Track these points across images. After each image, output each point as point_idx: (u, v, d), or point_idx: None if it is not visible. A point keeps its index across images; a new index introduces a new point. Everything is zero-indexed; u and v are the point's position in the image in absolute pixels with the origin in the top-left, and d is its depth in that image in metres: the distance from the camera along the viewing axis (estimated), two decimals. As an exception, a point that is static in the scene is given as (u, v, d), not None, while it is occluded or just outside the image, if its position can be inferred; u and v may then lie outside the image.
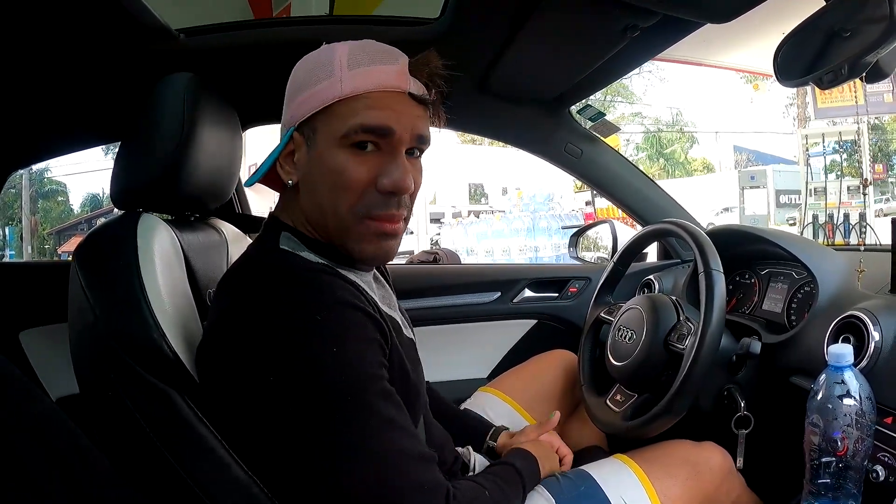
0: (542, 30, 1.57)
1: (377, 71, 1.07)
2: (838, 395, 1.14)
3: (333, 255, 1.15)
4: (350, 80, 1.06)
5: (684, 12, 1.43)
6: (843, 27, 1.27)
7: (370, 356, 1.03)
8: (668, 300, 1.60)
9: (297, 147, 1.11)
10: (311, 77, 1.09)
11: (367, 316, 1.05)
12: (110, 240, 1.20)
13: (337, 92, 1.06)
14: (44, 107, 1.80)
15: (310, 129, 1.09)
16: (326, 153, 1.08)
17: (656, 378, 1.53)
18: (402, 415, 1.04)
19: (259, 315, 1.02)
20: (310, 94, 1.08)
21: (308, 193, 1.13)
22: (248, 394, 1.02)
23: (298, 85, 1.11)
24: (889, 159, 16.32)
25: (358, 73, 1.06)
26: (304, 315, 1.00)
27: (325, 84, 1.07)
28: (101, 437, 1.10)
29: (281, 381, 0.98)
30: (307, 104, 1.08)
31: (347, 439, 0.97)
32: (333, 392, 0.97)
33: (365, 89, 1.06)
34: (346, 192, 1.08)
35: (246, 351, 1.01)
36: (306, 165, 1.11)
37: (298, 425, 0.99)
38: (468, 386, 1.96)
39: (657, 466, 1.39)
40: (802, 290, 1.70)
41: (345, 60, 1.07)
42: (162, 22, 1.54)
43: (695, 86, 38.15)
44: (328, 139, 1.07)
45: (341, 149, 1.07)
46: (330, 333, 0.99)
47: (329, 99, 1.06)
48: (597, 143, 2.29)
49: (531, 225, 11.11)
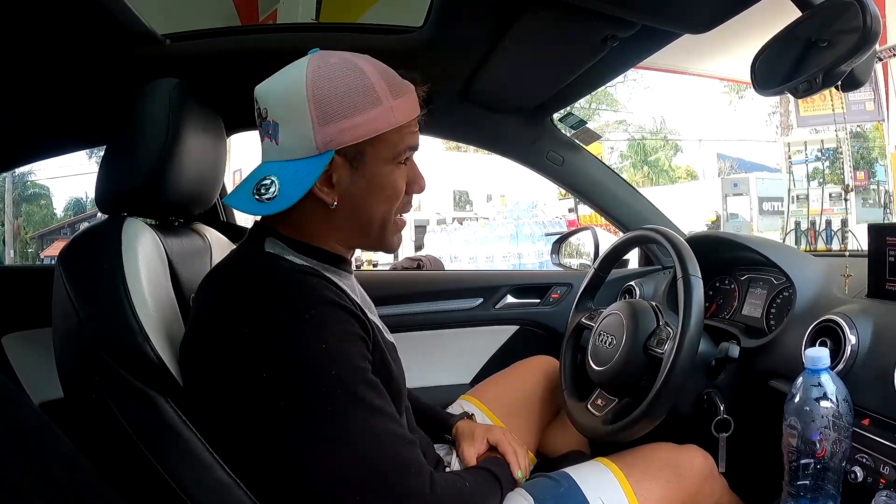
0: (523, 39, 1.58)
1: (413, 99, 1.18)
2: (815, 397, 1.16)
3: (319, 257, 1.18)
4: (400, 109, 1.14)
5: (662, 23, 1.45)
6: (820, 37, 1.29)
7: (355, 350, 1.08)
8: (647, 306, 1.61)
9: (337, 168, 1.13)
10: (352, 103, 1.10)
11: (350, 314, 1.09)
12: (95, 244, 1.20)
13: (392, 121, 1.13)
14: (29, 110, 1.80)
15: (355, 153, 1.13)
16: (379, 172, 1.16)
17: (636, 382, 1.54)
18: (388, 403, 1.10)
19: (247, 314, 1.04)
20: (359, 122, 1.10)
21: (350, 208, 1.17)
22: (236, 392, 1.04)
23: (334, 109, 1.09)
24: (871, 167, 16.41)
25: (402, 102, 1.15)
26: (292, 313, 1.04)
27: (375, 112, 1.11)
28: (85, 441, 1.10)
29: (273, 376, 1.01)
30: (354, 131, 1.11)
31: (339, 427, 1.02)
32: (324, 384, 1.02)
33: (410, 118, 1.17)
34: (395, 201, 1.20)
35: (234, 350, 1.03)
36: (350, 185, 1.15)
37: (291, 418, 1.01)
38: (450, 392, 1.96)
39: (638, 469, 1.40)
40: (781, 295, 1.72)
41: (385, 88, 1.13)
42: (148, 27, 1.54)
43: (678, 94, 38.18)
44: (380, 160, 1.16)
45: (394, 167, 1.18)
46: (317, 330, 1.04)
47: (385, 128, 1.13)
48: (578, 151, 2.31)
49: (515, 232, 11.09)
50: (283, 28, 2.02)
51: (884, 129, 11.76)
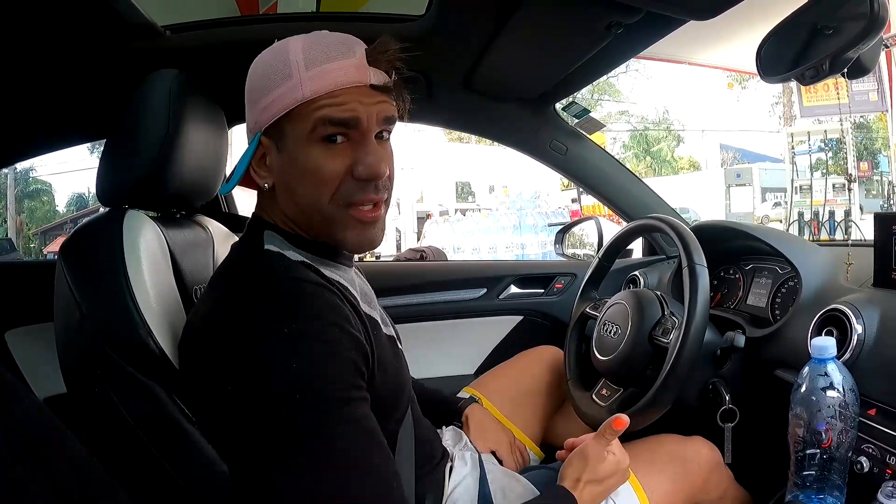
0: (526, 27, 1.57)
1: (335, 68, 1.05)
2: (822, 387, 1.15)
3: (317, 250, 1.14)
4: (309, 82, 1.04)
5: (667, 9, 1.43)
6: (826, 24, 1.28)
7: (338, 377, 0.98)
8: (652, 295, 1.61)
9: (267, 150, 1.10)
10: (269, 81, 1.07)
11: (343, 332, 1.01)
12: (96, 236, 1.20)
13: (298, 96, 1.04)
14: (29, 104, 1.79)
15: (277, 132, 1.08)
16: (299, 152, 1.07)
17: (641, 372, 1.54)
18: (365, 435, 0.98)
19: (230, 324, 1.00)
20: (271, 100, 1.06)
21: (285, 193, 1.12)
22: (214, 398, 1.01)
23: (257, 89, 1.09)
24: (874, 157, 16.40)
25: (316, 73, 1.04)
26: (270, 327, 0.97)
27: (284, 88, 1.05)
28: (88, 434, 1.10)
29: (236, 390, 0.96)
30: (270, 109, 1.07)
31: (296, 458, 0.93)
32: (284, 408, 0.93)
33: (326, 90, 1.04)
34: (324, 186, 1.07)
35: (214, 357, 1.00)
36: (279, 167, 1.10)
37: (248, 435, 0.95)
38: (454, 383, 1.96)
39: (644, 461, 1.40)
40: (786, 284, 1.72)
41: (301, 60, 1.05)
42: (148, 18, 1.53)
43: (681, 84, 38.33)
44: (297, 139, 1.07)
45: (312, 145, 1.06)
46: (294, 348, 0.96)
47: (291, 104, 1.05)
48: (582, 140, 2.30)
49: (518, 222, 11.10)
50: (285, 18, 2.02)
51: (888, 120, 11.74)
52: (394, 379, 1.15)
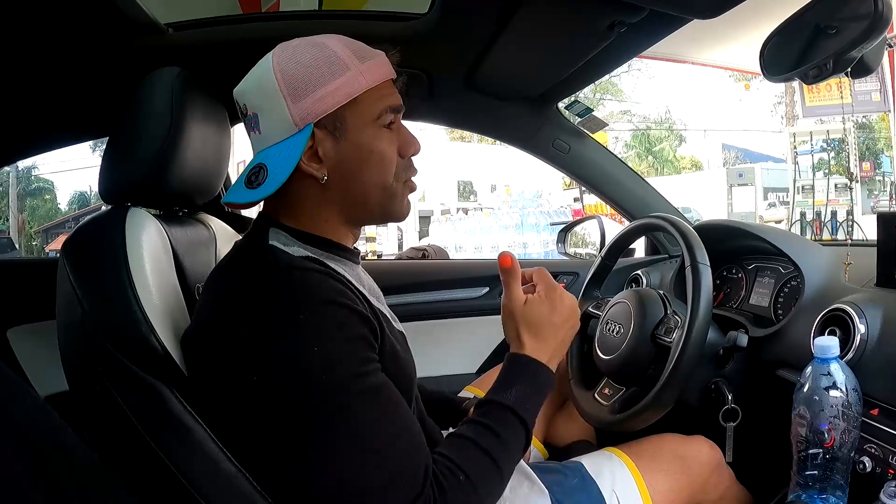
0: (529, 25, 1.57)
1: (379, 63, 1.16)
2: (825, 386, 1.15)
3: (323, 246, 1.16)
4: (368, 72, 1.13)
5: (671, 8, 1.43)
6: (829, 23, 1.28)
7: (356, 354, 1.04)
8: (655, 294, 1.61)
9: (320, 142, 1.12)
10: (320, 73, 1.10)
11: (352, 312, 1.05)
12: (99, 234, 1.19)
13: (363, 84, 1.12)
14: (31, 102, 1.79)
15: (334, 122, 1.12)
16: (363, 137, 1.14)
17: (644, 371, 1.54)
18: (391, 405, 1.06)
19: (243, 316, 1.03)
20: (330, 90, 1.10)
21: (343, 180, 1.15)
22: (233, 391, 1.03)
23: (304, 82, 1.10)
24: (876, 157, 16.39)
25: (370, 66, 1.14)
26: (286, 314, 1.01)
27: (344, 78, 1.11)
28: (90, 433, 1.09)
29: (263, 379, 1.00)
30: (327, 100, 1.10)
31: (333, 433, 0.99)
32: (315, 391, 0.99)
33: (381, 79, 1.15)
34: (390, 166, 1.17)
35: (230, 349, 1.02)
36: (337, 156, 1.13)
37: (281, 423, 1.00)
38: (456, 382, 1.96)
39: (646, 460, 1.40)
40: (789, 284, 1.71)
41: (351, 55, 1.12)
42: (150, 16, 1.53)
43: (683, 84, 38.15)
44: (362, 125, 1.14)
45: (379, 130, 1.15)
46: (312, 332, 1.01)
47: (355, 91, 1.11)
48: (585, 139, 2.29)
49: (520, 221, 11.12)
50: (287, 16, 2.01)
51: (890, 120, 11.75)
52: (405, 371, 1.18)
